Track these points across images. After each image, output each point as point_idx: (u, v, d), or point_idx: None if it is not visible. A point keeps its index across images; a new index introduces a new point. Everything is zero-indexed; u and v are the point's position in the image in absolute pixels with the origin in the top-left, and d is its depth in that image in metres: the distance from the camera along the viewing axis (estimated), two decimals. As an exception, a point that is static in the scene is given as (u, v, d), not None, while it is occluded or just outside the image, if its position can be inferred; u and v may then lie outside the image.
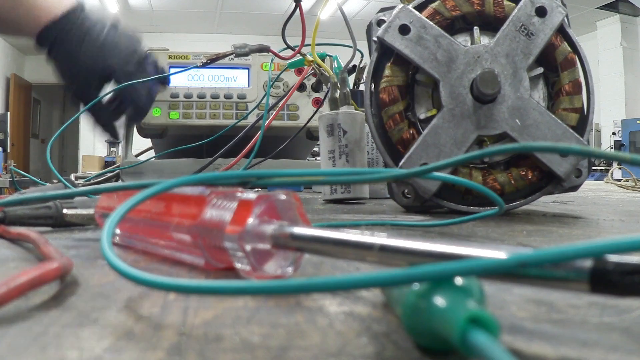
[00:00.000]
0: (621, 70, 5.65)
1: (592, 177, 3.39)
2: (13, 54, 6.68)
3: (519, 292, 0.18)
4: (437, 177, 0.39)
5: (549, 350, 0.13)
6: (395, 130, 0.48)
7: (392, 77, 0.48)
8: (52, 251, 0.22)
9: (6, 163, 4.29)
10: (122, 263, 0.16)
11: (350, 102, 0.64)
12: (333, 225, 0.39)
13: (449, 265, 0.12)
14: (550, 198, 0.69)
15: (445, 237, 0.34)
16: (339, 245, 0.17)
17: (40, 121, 7.88)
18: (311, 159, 1.40)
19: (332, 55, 0.84)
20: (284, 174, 0.26)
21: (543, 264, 0.12)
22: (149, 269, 0.23)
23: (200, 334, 0.14)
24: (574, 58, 0.47)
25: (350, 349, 0.13)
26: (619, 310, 0.16)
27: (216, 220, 0.20)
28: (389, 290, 0.15)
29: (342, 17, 0.70)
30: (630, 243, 0.11)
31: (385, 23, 0.47)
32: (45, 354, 0.12)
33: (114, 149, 5.57)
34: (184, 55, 0.90)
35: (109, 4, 5.37)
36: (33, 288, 0.16)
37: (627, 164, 0.45)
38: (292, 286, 0.13)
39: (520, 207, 0.48)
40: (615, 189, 1.16)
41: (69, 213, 0.34)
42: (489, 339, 0.11)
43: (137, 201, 0.20)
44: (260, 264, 0.19)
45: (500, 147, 0.23)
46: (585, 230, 0.37)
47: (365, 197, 0.65)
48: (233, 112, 0.88)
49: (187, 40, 5.78)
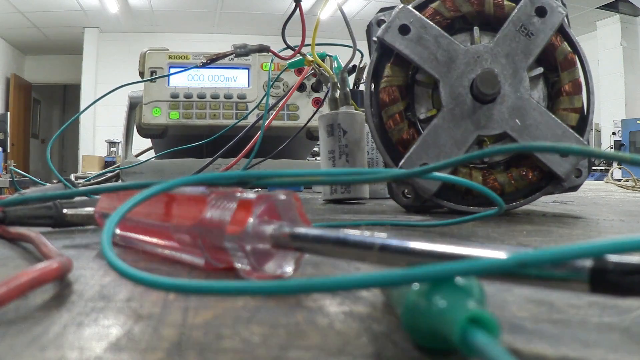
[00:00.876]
0: (621, 70, 5.64)
1: (592, 177, 3.39)
2: (13, 54, 6.68)
3: (519, 292, 0.18)
4: (437, 177, 0.39)
5: (549, 350, 0.13)
6: (395, 130, 0.48)
7: (392, 77, 0.48)
8: (52, 251, 0.22)
9: (6, 163, 4.29)
10: (122, 263, 0.16)
11: (350, 102, 0.64)
12: (333, 225, 0.39)
13: (449, 265, 0.12)
14: (550, 198, 0.69)
15: (445, 237, 0.34)
16: (339, 245, 0.17)
17: (40, 121, 7.88)
18: (311, 159, 1.40)
19: (332, 55, 0.84)
20: (284, 174, 0.26)
21: (543, 264, 0.12)
22: (149, 269, 0.23)
23: (200, 334, 0.14)
24: (574, 58, 0.47)
25: (350, 349, 0.13)
26: (619, 310, 0.16)
27: (216, 220, 0.20)
28: (388, 290, 0.15)
29: (342, 17, 0.70)
30: (630, 243, 0.11)
31: (385, 23, 0.47)
32: (45, 354, 0.12)
33: (114, 149, 5.57)
34: (184, 55, 0.90)
35: (109, 4, 5.37)
36: (33, 288, 0.16)
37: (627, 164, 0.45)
38: (292, 286, 0.13)
39: (520, 207, 0.48)
40: (615, 189, 1.16)
41: (69, 213, 0.34)
42: (489, 339, 0.11)
43: (137, 201, 0.20)
44: (260, 264, 0.19)
45: (500, 147, 0.23)
46: (585, 230, 0.37)
47: (365, 197, 0.65)
48: (233, 112, 0.88)
49: (187, 40, 5.78)
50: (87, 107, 0.76)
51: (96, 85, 6.06)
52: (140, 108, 0.88)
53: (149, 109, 0.87)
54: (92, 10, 5.58)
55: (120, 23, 5.98)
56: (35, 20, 5.77)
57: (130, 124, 0.96)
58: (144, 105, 0.88)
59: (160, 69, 0.89)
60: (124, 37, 6.16)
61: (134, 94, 0.93)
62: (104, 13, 5.65)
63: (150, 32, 6.07)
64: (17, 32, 6.07)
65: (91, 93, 5.99)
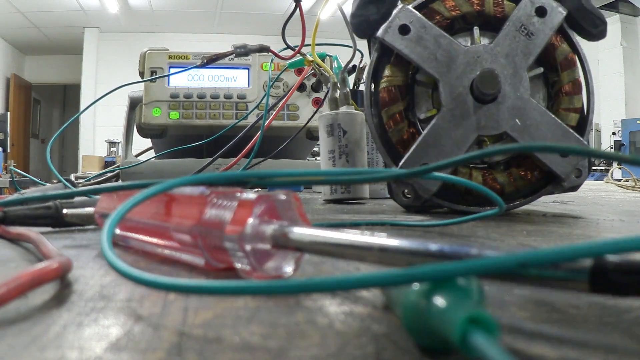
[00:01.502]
0: (621, 70, 5.64)
1: (592, 177, 3.39)
2: (13, 54, 6.68)
3: (519, 292, 0.18)
4: (437, 177, 0.39)
5: (549, 350, 0.13)
6: (395, 131, 0.48)
7: (392, 77, 0.48)
8: (52, 251, 0.22)
9: (6, 163, 4.29)
10: (122, 263, 0.16)
11: (350, 102, 0.64)
12: (333, 225, 0.39)
13: (449, 265, 0.12)
14: (550, 198, 0.69)
15: (445, 237, 0.34)
16: (339, 245, 0.17)
17: (40, 121, 7.88)
18: (311, 159, 1.40)
19: (332, 55, 0.84)
20: (284, 174, 0.26)
21: (543, 264, 0.12)
22: (149, 269, 0.23)
23: (200, 334, 0.14)
24: (574, 58, 0.47)
25: (350, 349, 0.13)
26: (619, 310, 0.16)
27: (216, 220, 0.20)
28: (388, 291, 0.15)
29: (342, 17, 0.70)
30: (630, 243, 0.11)
31: (386, 23, 0.47)
32: (45, 354, 0.12)
33: (114, 149, 5.57)
34: (184, 55, 0.90)
35: (108, 4, 5.37)
36: (33, 288, 0.16)
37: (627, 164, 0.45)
38: (292, 286, 0.13)
39: (520, 207, 0.48)
40: (615, 189, 1.16)
41: (69, 213, 0.34)
42: (489, 339, 0.11)
43: (137, 201, 0.20)
44: (260, 264, 0.19)
45: (500, 147, 0.23)
46: (585, 230, 0.37)
47: (366, 197, 0.65)
48: (233, 112, 0.88)
49: (187, 40, 5.78)
50: (87, 107, 0.76)
51: (96, 85, 6.06)
52: (140, 108, 0.88)
53: (149, 109, 0.87)
54: (92, 10, 5.58)
55: (120, 23, 5.98)
56: (35, 20, 5.77)
57: (130, 124, 0.96)
58: (144, 105, 0.88)
59: (160, 69, 0.89)
60: (124, 37, 6.16)
61: (134, 94, 0.93)
62: (104, 13, 5.65)
63: (150, 32, 6.07)
64: (17, 32, 6.07)
65: (91, 93, 5.99)
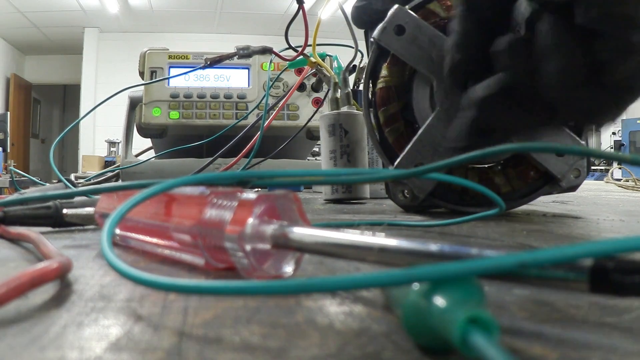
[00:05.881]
0: (621, 70, 5.63)
1: (592, 177, 3.39)
2: (13, 54, 6.68)
3: (519, 292, 0.18)
4: (436, 177, 0.39)
5: (549, 350, 0.13)
6: (391, 130, 0.48)
7: (389, 77, 0.48)
8: (52, 251, 0.22)
9: (6, 163, 4.29)
10: (122, 263, 0.16)
11: (352, 102, 0.65)
12: (333, 225, 0.39)
13: (449, 265, 0.12)
14: (550, 198, 0.69)
15: (445, 237, 0.34)
16: (339, 245, 0.17)
17: (40, 121, 7.88)
18: (311, 158, 1.40)
19: (332, 55, 0.84)
20: (284, 174, 0.26)
21: (543, 264, 0.12)
22: (149, 269, 0.23)
23: (200, 334, 0.14)
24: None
25: (350, 349, 0.13)
26: (619, 310, 0.16)
27: (216, 220, 0.20)
28: (388, 291, 0.15)
29: (342, 16, 0.70)
30: (630, 243, 0.11)
31: (382, 23, 0.47)
32: (45, 354, 0.12)
33: (114, 149, 5.57)
34: (184, 55, 0.90)
35: (108, 4, 5.37)
36: (33, 288, 0.16)
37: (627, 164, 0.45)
38: (292, 286, 0.13)
39: (520, 207, 0.48)
40: (615, 189, 1.16)
41: (69, 213, 0.34)
42: (489, 339, 0.11)
43: (137, 201, 0.20)
44: (260, 264, 0.19)
45: (497, 148, 0.23)
46: (585, 230, 0.37)
47: (366, 197, 0.65)
48: (233, 112, 0.88)
49: (187, 40, 5.78)
50: (90, 110, 0.76)
51: (96, 85, 6.07)
52: (140, 108, 0.88)
53: (149, 108, 0.87)
54: (92, 10, 5.58)
55: (120, 23, 5.98)
56: (35, 20, 5.77)
57: (130, 123, 0.96)
58: (143, 105, 0.88)
59: (161, 69, 0.89)
60: (124, 37, 6.16)
61: (134, 94, 0.93)
62: (104, 13, 5.65)
63: (150, 32, 6.07)
64: (17, 32, 6.07)
65: (91, 93, 5.99)
